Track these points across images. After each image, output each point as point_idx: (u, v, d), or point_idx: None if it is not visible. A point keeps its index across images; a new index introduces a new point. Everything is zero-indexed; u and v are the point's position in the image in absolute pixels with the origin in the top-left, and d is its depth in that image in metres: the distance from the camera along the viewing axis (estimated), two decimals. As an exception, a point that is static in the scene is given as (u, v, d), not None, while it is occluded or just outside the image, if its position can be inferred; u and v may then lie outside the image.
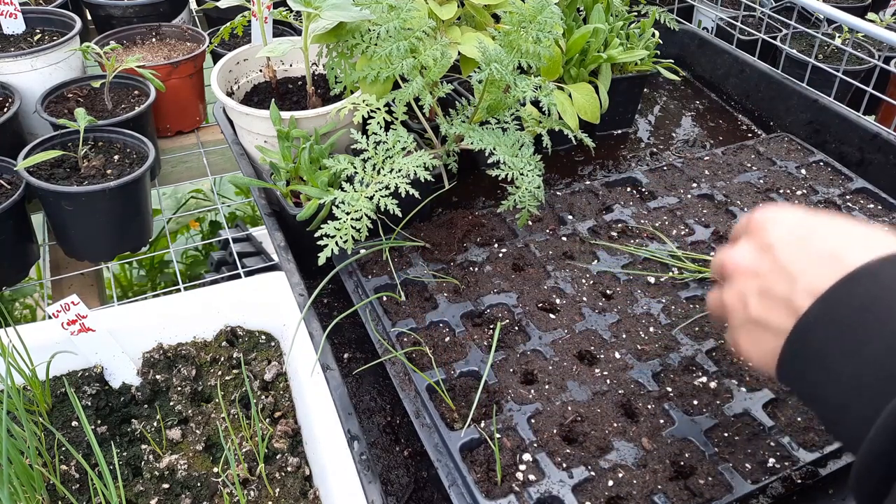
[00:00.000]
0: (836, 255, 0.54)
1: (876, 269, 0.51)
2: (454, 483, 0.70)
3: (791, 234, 0.59)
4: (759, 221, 0.62)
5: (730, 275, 0.63)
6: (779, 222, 0.61)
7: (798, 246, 0.57)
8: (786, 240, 0.58)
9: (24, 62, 1.42)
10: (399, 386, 0.79)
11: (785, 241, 0.58)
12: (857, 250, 0.53)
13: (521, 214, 0.98)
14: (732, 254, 0.63)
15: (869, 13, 1.99)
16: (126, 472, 0.73)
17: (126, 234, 1.28)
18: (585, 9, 1.28)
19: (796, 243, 0.58)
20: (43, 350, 0.78)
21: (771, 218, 0.62)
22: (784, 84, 1.39)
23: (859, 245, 0.54)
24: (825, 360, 0.51)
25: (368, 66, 0.98)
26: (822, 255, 0.55)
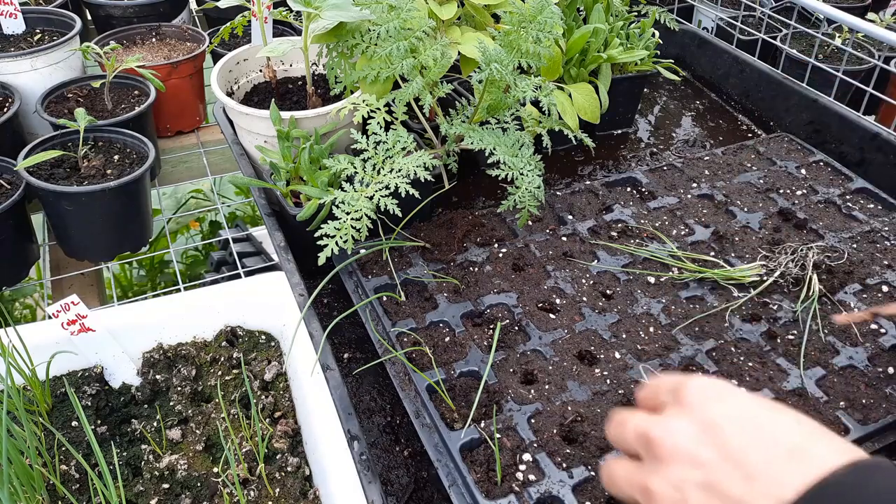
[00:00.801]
0: (800, 450, 0.46)
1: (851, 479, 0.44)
2: (454, 483, 0.70)
3: (740, 417, 0.49)
4: (693, 391, 0.52)
5: (662, 456, 0.50)
6: (720, 397, 0.51)
7: (751, 433, 0.48)
8: (735, 423, 0.49)
9: (24, 62, 1.42)
10: (399, 386, 0.79)
11: (734, 425, 0.49)
12: (820, 446, 0.46)
13: (521, 214, 0.98)
14: (666, 428, 0.51)
15: (869, 13, 1.98)
16: (126, 472, 0.73)
17: (126, 234, 1.28)
18: (585, 9, 1.28)
19: (749, 429, 0.48)
20: (43, 350, 0.77)
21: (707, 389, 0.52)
22: (784, 84, 1.39)
23: (820, 439, 0.47)
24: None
25: (368, 66, 0.98)
26: (782, 450, 0.46)
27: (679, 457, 0.49)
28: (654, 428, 0.52)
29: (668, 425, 0.51)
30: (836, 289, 0.95)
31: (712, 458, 0.48)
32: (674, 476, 0.49)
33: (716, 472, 0.48)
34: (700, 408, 0.51)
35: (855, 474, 0.44)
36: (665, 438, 0.50)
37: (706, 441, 0.49)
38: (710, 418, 0.50)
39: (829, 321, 0.90)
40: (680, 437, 0.50)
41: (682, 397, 0.52)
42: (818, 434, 0.48)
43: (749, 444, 0.48)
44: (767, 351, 0.86)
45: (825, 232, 1.04)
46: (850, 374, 0.83)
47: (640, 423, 0.53)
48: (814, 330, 0.89)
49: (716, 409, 0.50)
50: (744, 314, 0.91)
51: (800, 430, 0.48)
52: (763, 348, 0.86)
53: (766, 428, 0.48)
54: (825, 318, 0.90)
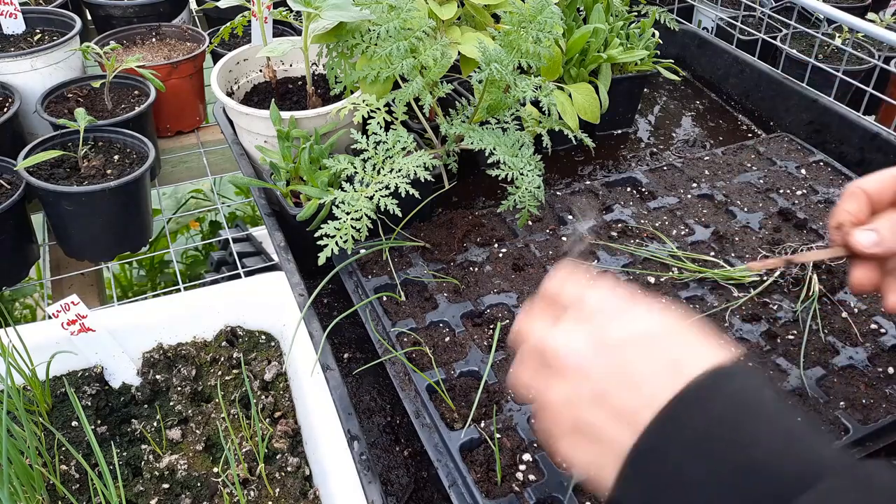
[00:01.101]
0: (679, 361, 0.50)
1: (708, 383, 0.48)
2: (454, 483, 0.70)
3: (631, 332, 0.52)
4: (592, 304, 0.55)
5: (557, 368, 0.54)
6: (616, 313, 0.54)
7: (640, 348, 0.51)
8: (626, 338, 0.52)
9: (24, 62, 1.42)
10: (399, 386, 0.79)
11: (626, 341, 0.52)
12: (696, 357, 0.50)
13: (521, 214, 0.98)
14: (563, 342, 0.54)
15: (869, 13, 1.98)
16: (126, 472, 0.73)
17: (126, 234, 1.27)
18: (585, 9, 1.28)
19: (638, 344, 0.52)
20: (43, 350, 0.77)
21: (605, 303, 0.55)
22: (784, 84, 1.39)
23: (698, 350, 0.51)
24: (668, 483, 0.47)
25: (368, 66, 0.98)
26: (665, 362, 0.50)
27: (574, 371, 0.52)
28: (552, 341, 0.54)
29: (566, 341, 0.54)
30: (836, 289, 0.95)
31: (602, 371, 0.51)
32: (567, 388, 0.53)
33: (603, 385, 0.51)
34: (596, 324, 0.54)
35: (712, 379, 0.48)
36: (562, 352, 0.53)
37: (599, 356, 0.52)
38: (604, 334, 0.53)
39: (829, 322, 0.90)
40: (576, 352, 0.53)
41: (582, 309, 0.55)
42: (697, 345, 0.52)
43: (637, 358, 0.51)
44: (767, 351, 0.86)
45: (825, 232, 1.04)
46: (850, 374, 0.83)
47: (541, 337, 0.56)
48: (814, 330, 0.89)
49: (611, 326, 0.53)
50: (744, 314, 0.91)
51: (683, 342, 0.52)
52: (763, 348, 0.86)
53: (654, 342, 0.52)
54: (825, 318, 0.90)
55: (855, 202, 0.70)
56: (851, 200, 0.70)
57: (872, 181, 0.69)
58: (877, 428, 0.76)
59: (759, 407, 0.48)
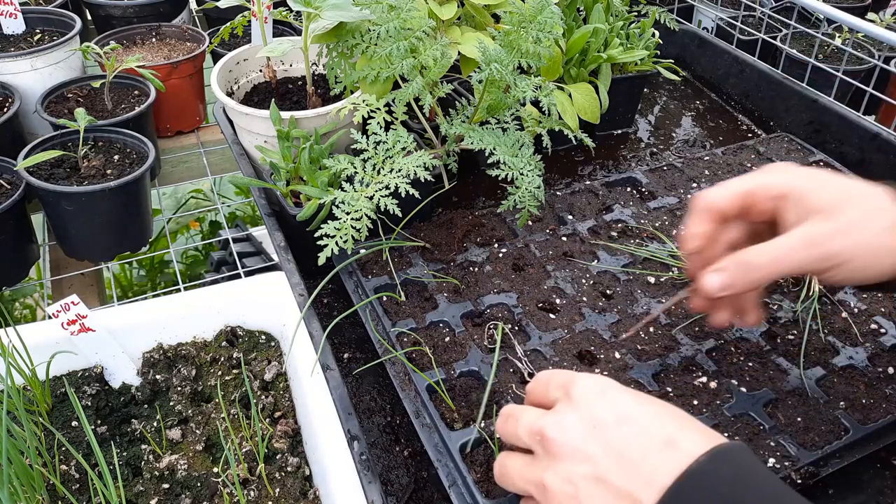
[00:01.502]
0: (672, 441, 0.52)
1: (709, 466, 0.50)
2: (454, 483, 0.70)
3: (620, 412, 0.55)
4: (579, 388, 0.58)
5: (555, 452, 0.55)
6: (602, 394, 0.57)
7: (631, 428, 0.54)
8: (616, 419, 0.54)
9: (24, 62, 1.42)
10: (399, 386, 0.79)
11: (614, 419, 0.54)
12: (687, 436, 0.53)
13: (521, 214, 0.98)
14: (559, 426, 0.56)
15: (869, 13, 1.99)
16: (126, 472, 0.73)
17: (126, 234, 1.28)
18: (585, 9, 1.28)
19: (628, 424, 0.54)
20: (43, 350, 0.77)
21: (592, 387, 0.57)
22: (784, 84, 1.39)
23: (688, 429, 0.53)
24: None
25: (368, 66, 0.98)
26: (657, 441, 0.53)
27: (570, 453, 0.54)
28: (548, 427, 0.56)
29: (561, 423, 0.56)
30: (836, 289, 0.95)
31: (599, 452, 0.53)
32: (566, 471, 0.54)
33: (602, 465, 0.53)
34: (587, 405, 0.56)
35: (712, 462, 0.51)
36: (558, 436, 0.55)
37: (594, 437, 0.54)
38: (596, 415, 0.55)
39: (829, 322, 0.90)
40: (570, 434, 0.55)
41: (572, 395, 0.57)
42: (686, 424, 0.54)
43: (629, 438, 0.53)
44: (767, 351, 0.86)
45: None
46: (850, 374, 0.83)
47: (534, 421, 0.58)
48: (814, 330, 0.89)
49: (601, 407, 0.55)
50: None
51: (672, 423, 0.54)
52: (763, 348, 0.86)
53: (644, 422, 0.54)
54: (825, 318, 0.91)
55: (705, 222, 0.69)
56: (701, 221, 0.69)
57: (722, 196, 0.68)
58: (877, 428, 0.76)
59: (761, 488, 0.50)
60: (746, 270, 0.64)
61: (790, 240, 0.63)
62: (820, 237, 0.62)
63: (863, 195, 0.63)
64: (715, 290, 0.66)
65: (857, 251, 0.61)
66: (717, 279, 0.65)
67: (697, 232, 0.70)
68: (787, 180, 0.65)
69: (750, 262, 0.64)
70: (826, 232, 0.62)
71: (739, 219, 0.70)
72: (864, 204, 0.62)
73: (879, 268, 0.62)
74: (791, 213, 0.64)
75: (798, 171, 0.67)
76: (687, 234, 0.70)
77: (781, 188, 0.65)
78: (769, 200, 0.66)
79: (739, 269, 0.64)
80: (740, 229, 0.71)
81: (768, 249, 0.63)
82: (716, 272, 0.66)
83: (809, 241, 0.62)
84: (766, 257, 0.63)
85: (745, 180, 0.68)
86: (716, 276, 0.66)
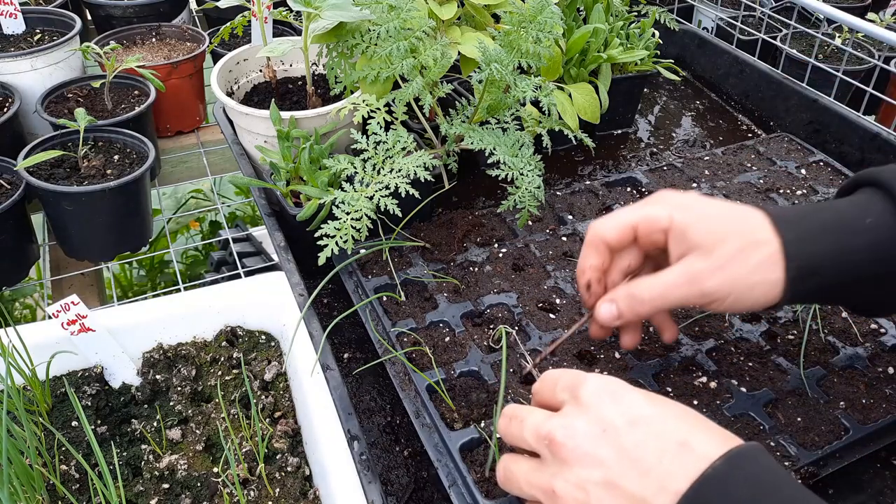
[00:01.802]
0: (686, 444, 0.51)
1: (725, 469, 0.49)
2: (454, 483, 0.70)
3: (633, 416, 0.53)
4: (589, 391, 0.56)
5: (565, 458, 0.54)
6: (614, 397, 0.55)
7: (644, 431, 0.52)
8: (629, 422, 0.53)
9: (24, 62, 1.42)
10: (399, 386, 0.79)
11: (628, 424, 0.53)
12: (702, 439, 0.52)
13: (521, 214, 0.98)
14: (569, 430, 0.54)
15: (869, 13, 1.99)
16: (126, 472, 0.73)
17: (126, 234, 1.28)
18: (585, 9, 1.28)
19: (641, 427, 0.53)
20: (43, 350, 0.77)
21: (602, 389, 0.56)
22: (784, 84, 1.39)
23: (702, 432, 0.52)
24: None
25: (368, 66, 0.98)
26: (671, 445, 0.51)
27: (581, 458, 0.53)
28: (557, 431, 0.54)
29: (570, 427, 0.54)
30: (836, 289, 0.95)
31: (610, 456, 0.52)
32: (577, 476, 0.52)
33: (614, 470, 0.51)
34: (597, 408, 0.54)
35: (729, 465, 0.49)
36: (568, 441, 0.53)
37: (604, 441, 0.52)
38: (606, 418, 0.53)
39: (829, 322, 0.90)
40: (581, 438, 0.53)
41: (580, 397, 0.56)
42: (700, 427, 0.53)
43: (643, 441, 0.52)
44: (767, 351, 0.86)
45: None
46: (850, 374, 0.83)
47: (541, 424, 0.56)
48: (814, 330, 0.89)
49: (611, 410, 0.54)
50: (744, 314, 0.91)
51: (685, 424, 0.53)
52: (763, 348, 0.86)
53: (656, 425, 0.53)
54: (825, 318, 0.91)
55: (597, 255, 0.71)
56: (593, 254, 0.71)
57: (611, 229, 0.70)
58: (877, 428, 0.76)
59: (778, 492, 0.49)
60: (633, 303, 0.67)
61: (671, 276, 0.65)
62: (698, 274, 0.64)
63: (741, 228, 0.64)
64: (606, 320, 0.69)
65: (734, 287, 0.63)
66: (608, 310, 0.69)
67: (588, 265, 0.72)
68: (668, 214, 0.67)
69: (636, 296, 0.67)
70: (704, 269, 0.63)
71: (633, 247, 0.72)
72: (741, 237, 0.63)
73: (755, 300, 0.64)
74: (674, 246, 0.66)
75: (680, 202, 0.68)
76: (579, 268, 0.73)
77: (663, 222, 0.67)
78: (655, 233, 0.68)
79: (627, 302, 0.68)
80: (635, 256, 0.72)
81: (653, 285, 0.66)
82: (607, 303, 0.69)
83: (689, 279, 0.64)
84: (651, 293, 0.66)
85: (632, 212, 0.70)
86: (606, 306, 0.69)
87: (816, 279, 0.63)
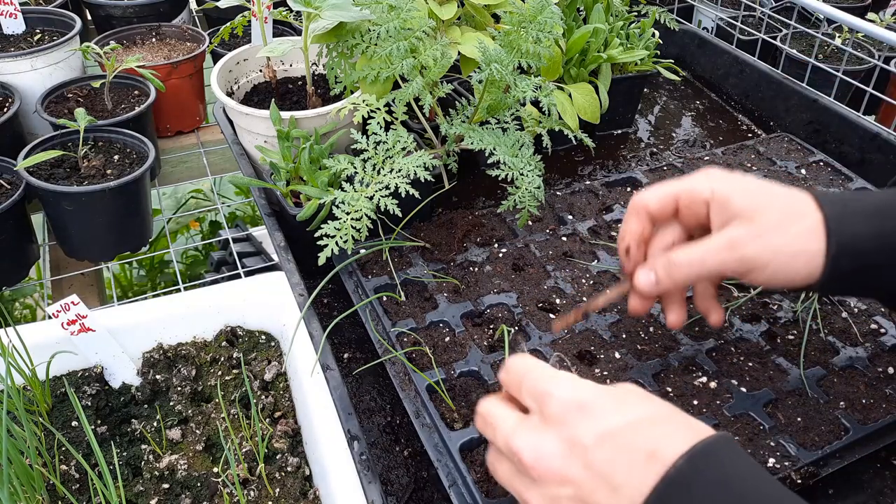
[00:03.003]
0: (654, 451, 0.49)
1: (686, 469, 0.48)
2: (454, 483, 0.70)
3: (603, 431, 0.51)
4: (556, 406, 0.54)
5: (534, 477, 0.53)
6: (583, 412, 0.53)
7: (613, 446, 0.51)
8: (598, 438, 0.51)
9: (24, 62, 1.42)
10: (399, 386, 0.79)
11: (598, 440, 0.51)
12: (670, 441, 0.50)
13: (521, 214, 0.98)
14: (536, 451, 0.53)
15: (869, 13, 1.99)
16: (126, 472, 0.73)
17: (126, 234, 1.28)
18: (585, 9, 1.28)
19: (611, 442, 0.51)
20: (43, 350, 0.77)
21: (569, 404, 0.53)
22: (784, 84, 1.39)
23: (672, 433, 0.50)
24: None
25: (368, 66, 0.98)
26: (641, 455, 0.50)
27: (550, 477, 0.52)
28: (525, 451, 0.53)
29: (537, 448, 0.53)
30: (836, 289, 0.95)
31: (580, 475, 0.51)
32: (548, 492, 0.52)
33: (585, 488, 0.50)
34: (564, 424, 0.53)
35: (691, 463, 0.48)
36: (535, 463, 0.53)
37: (574, 459, 0.51)
38: (575, 436, 0.52)
39: (829, 322, 0.90)
40: (549, 459, 0.52)
41: (546, 412, 0.54)
42: (670, 428, 0.51)
43: (610, 458, 0.50)
44: (767, 351, 0.86)
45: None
46: (850, 374, 0.83)
47: (509, 437, 0.55)
48: (814, 330, 0.89)
49: (579, 426, 0.52)
50: (744, 314, 0.91)
51: (656, 430, 0.51)
52: (763, 348, 0.86)
53: (625, 437, 0.51)
54: (825, 318, 0.91)
55: (637, 222, 0.71)
56: (634, 220, 0.72)
57: (653, 197, 0.70)
58: (877, 428, 0.76)
59: (742, 488, 0.48)
60: (671, 268, 0.67)
61: (712, 242, 0.65)
62: (739, 241, 0.63)
63: (783, 199, 0.64)
64: (644, 286, 0.69)
65: (774, 255, 0.63)
66: (646, 276, 0.69)
67: (629, 230, 0.72)
68: (711, 185, 0.67)
69: (674, 261, 0.67)
70: (745, 235, 0.63)
71: (674, 221, 0.72)
72: (783, 208, 0.64)
73: (795, 271, 0.63)
74: (715, 217, 0.67)
75: (723, 175, 0.68)
76: (620, 234, 0.74)
77: (706, 193, 0.67)
78: (696, 204, 0.68)
79: (665, 268, 0.67)
80: (678, 233, 0.72)
81: (692, 250, 0.66)
82: (645, 270, 0.69)
83: (729, 244, 0.64)
84: (689, 257, 0.66)
85: (675, 184, 0.70)
86: (644, 273, 0.69)
87: (857, 260, 0.62)
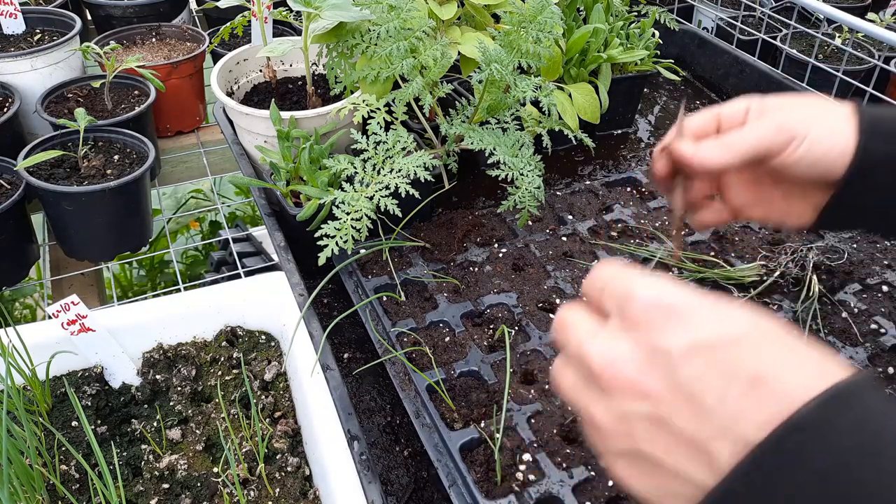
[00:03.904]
0: (762, 380, 0.39)
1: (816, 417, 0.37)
2: (454, 483, 0.70)
3: (692, 342, 0.41)
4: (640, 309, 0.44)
5: (603, 386, 0.44)
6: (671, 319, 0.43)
7: (705, 362, 0.40)
8: (686, 350, 0.41)
9: (24, 62, 1.42)
10: (399, 386, 0.79)
11: (685, 352, 0.41)
12: (788, 373, 0.39)
13: (521, 214, 0.98)
14: (607, 355, 0.44)
15: (869, 13, 1.99)
16: (126, 472, 0.73)
17: (126, 234, 1.28)
18: (585, 9, 1.28)
19: (702, 357, 0.41)
20: (43, 350, 0.78)
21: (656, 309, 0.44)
22: (784, 84, 1.39)
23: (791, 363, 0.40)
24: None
25: (368, 66, 0.98)
26: (741, 381, 0.39)
27: (621, 387, 0.43)
28: (595, 357, 0.44)
29: (609, 354, 0.44)
30: (836, 289, 0.95)
31: (659, 387, 0.42)
32: (618, 407, 0.43)
33: (664, 406, 0.41)
34: (647, 330, 0.43)
35: (824, 410, 0.37)
36: (606, 368, 0.44)
37: (653, 370, 0.42)
38: (657, 344, 0.42)
39: (829, 322, 0.90)
40: (622, 366, 0.43)
41: (628, 314, 0.45)
42: (786, 355, 0.41)
43: (701, 374, 0.41)
44: (767, 351, 0.86)
45: (825, 232, 1.04)
46: (850, 374, 0.83)
47: (581, 343, 0.46)
48: (814, 330, 0.89)
49: (666, 333, 0.43)
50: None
51: (764, 352, 0.41)
52: (763, 348, 0.86)
53: (723, 353, 0.41)
54: (825, 318, 0.90)
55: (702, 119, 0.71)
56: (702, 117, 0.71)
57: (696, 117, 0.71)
58: (877, 428, 0.76)
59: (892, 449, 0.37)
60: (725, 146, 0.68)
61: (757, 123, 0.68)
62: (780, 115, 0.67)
63: (819, 100, 0.69)
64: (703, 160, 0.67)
65: (812, 124, 0.65)
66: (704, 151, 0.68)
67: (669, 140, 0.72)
68: (747, 103, 0.71)
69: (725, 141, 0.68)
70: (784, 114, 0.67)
71: None
72: (817, 104, 0.68)
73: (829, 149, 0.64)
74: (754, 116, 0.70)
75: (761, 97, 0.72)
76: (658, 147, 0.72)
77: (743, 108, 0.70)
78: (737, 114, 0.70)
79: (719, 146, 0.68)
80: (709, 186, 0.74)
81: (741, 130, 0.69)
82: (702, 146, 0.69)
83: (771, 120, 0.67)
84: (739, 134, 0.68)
85: (715, 107, 0.72)
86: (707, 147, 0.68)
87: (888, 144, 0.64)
